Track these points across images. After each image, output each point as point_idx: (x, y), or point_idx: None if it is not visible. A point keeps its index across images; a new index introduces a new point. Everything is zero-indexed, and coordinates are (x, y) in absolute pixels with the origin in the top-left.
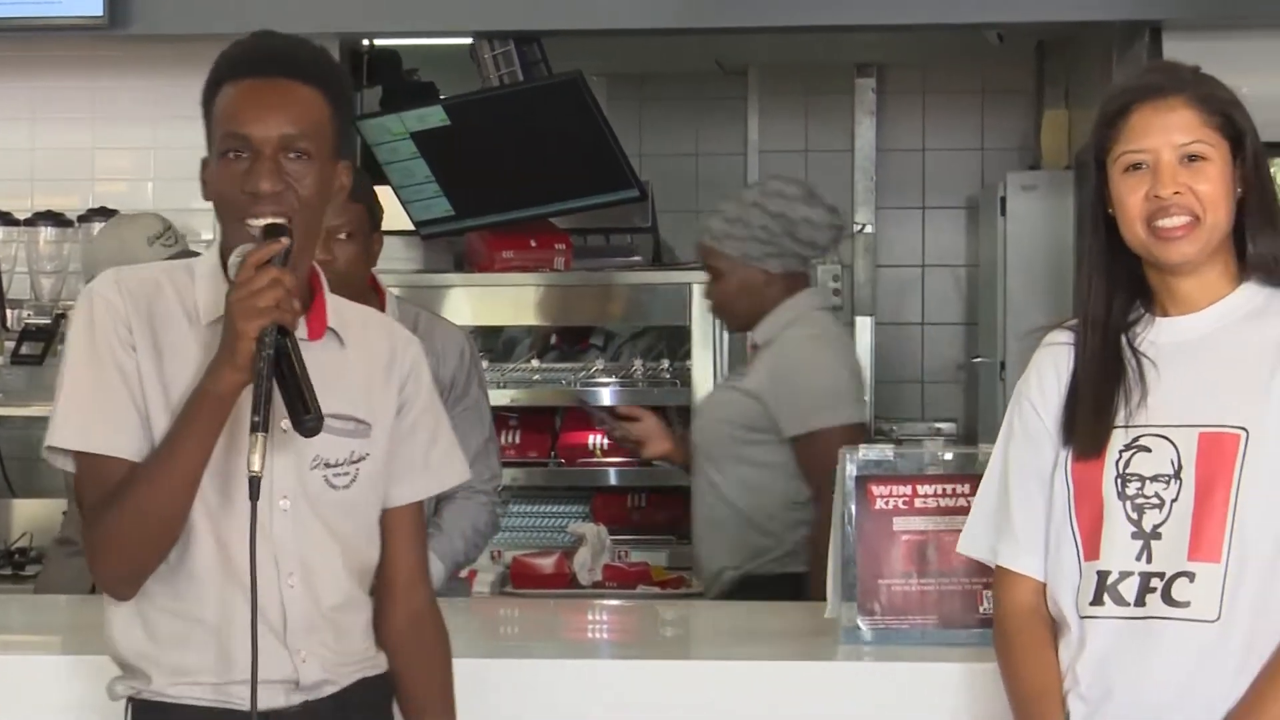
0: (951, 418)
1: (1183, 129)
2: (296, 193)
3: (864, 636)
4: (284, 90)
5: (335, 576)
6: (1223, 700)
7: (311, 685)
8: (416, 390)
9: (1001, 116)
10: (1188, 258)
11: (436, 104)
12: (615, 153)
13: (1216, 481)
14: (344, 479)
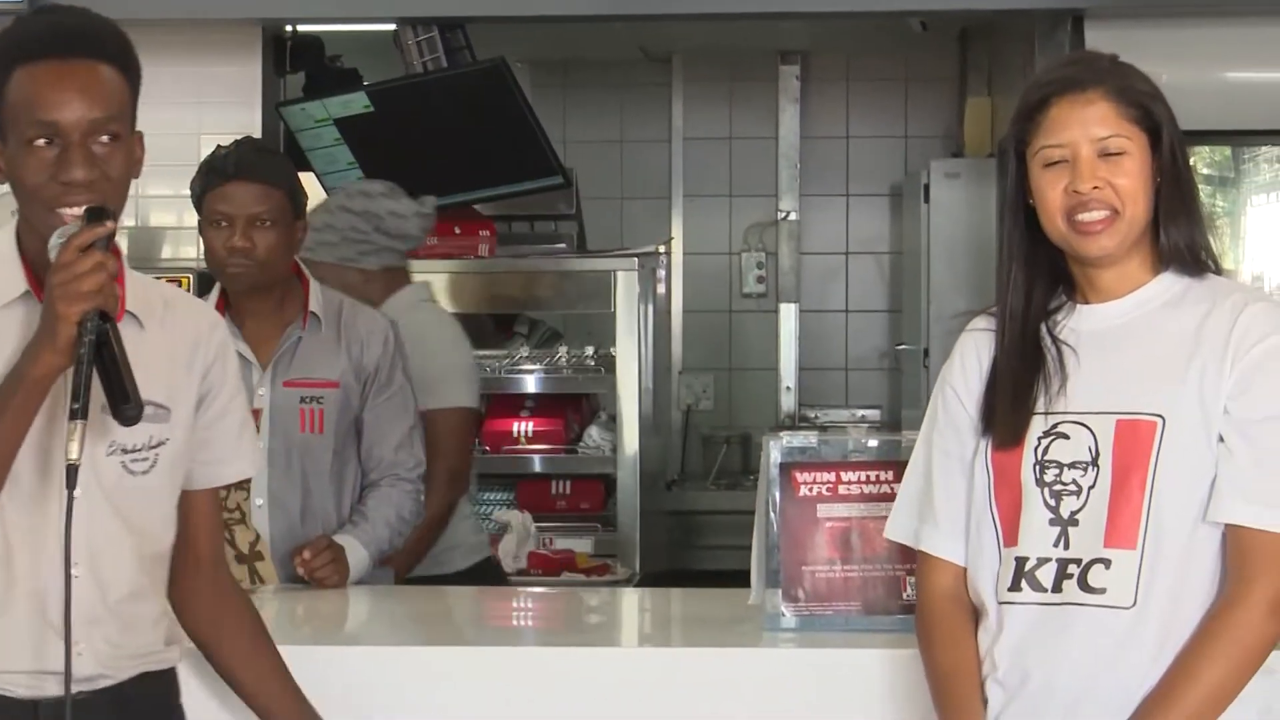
0: (875, 404)
1: (1101, 123)
2: (108, 177)
3: (788, 623)
4: (89, 72)
5: (125, 567)
6: (1138, 686)
7: (85, 678)
8: (224, 374)
9: (925, 104)
10: (1107, 251)
11: (360, 90)
12: (539, 140)
13: (1133, 468)
14: (142, 464)
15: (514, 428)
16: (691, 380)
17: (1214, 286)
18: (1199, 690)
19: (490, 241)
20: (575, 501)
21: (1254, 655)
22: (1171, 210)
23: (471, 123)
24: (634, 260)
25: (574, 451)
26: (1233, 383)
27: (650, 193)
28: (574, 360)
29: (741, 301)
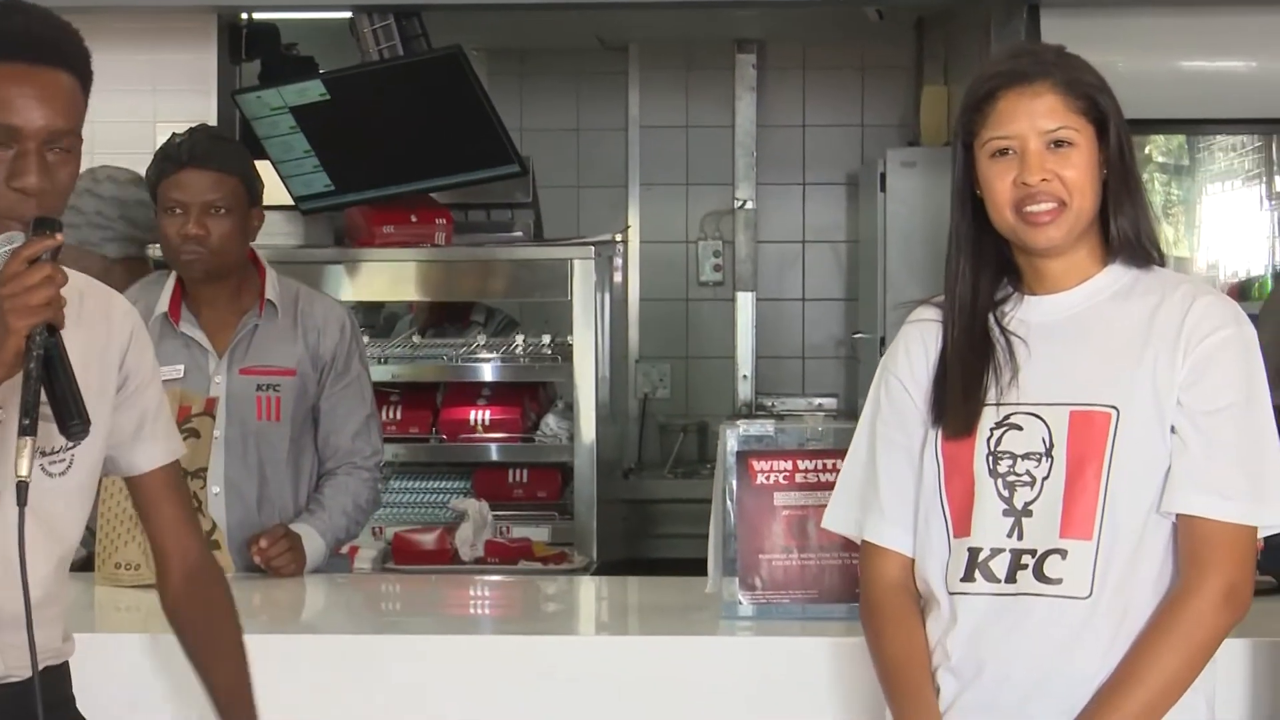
0: (832, 393)
1: (1049, 115)
2: (56, 188)
3: (745, 611)
4: (50, 80)
5: (40, 571)
6: (1093, 676)
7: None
8: (140, 359)
9: (881, 93)
10: (1054, 242)
11: (316, 78)
12: (496, 128)
13: (1088, 459)
14: (60, 465)
15: (471, 416)
16: (648, 369)
17: (1162, 278)
18: (1154, 679)
19: (447, 230)
20: (532, 490)
21: (1207, 645)
22: (1119, 201)
23: (428, 111)
24: (591, 249)
25: (531, 440)
26: (1185, 374)
27: (607, 181)
28: (531, 349)
29: (698, 290)
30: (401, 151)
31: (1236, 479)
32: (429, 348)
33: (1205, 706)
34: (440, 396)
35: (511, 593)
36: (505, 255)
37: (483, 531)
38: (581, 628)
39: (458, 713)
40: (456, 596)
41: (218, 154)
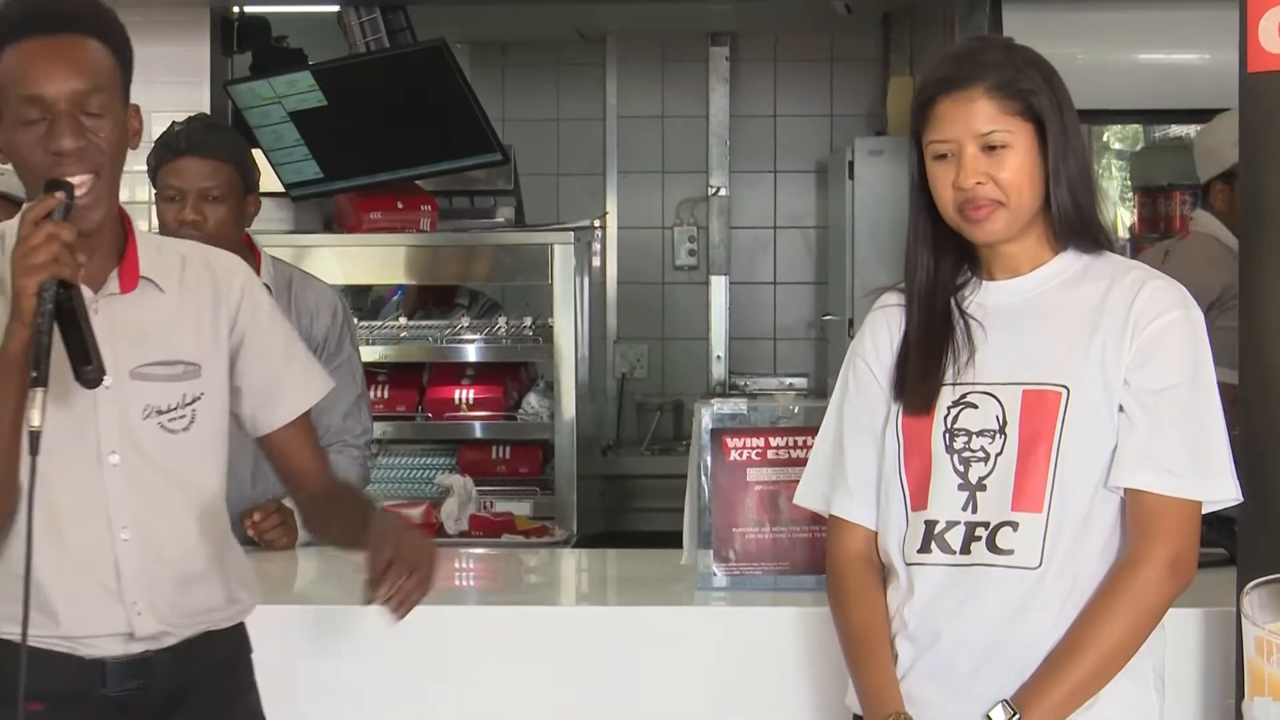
0: (803, 373)
1: (982, 119)
2: (98, 147)
3: (719, 582)
4: (71, 46)
5: (178, 525)
6: (1043, 642)
7: (149, 636)
8: (254, 313)
9: (849, 84)
10: (994, 238)
11: (305, 70)
12: (478, 118)
13: (1039, 436)
14: (181, 422)
15: (455, 395)
16: (626, 349)
17: (1113, 264)
18: (1101, 645)
19: (432, 216)
20: (514, 466)
21: (1153, 612)
22: (1062, 193)
23: (413, 101)
24: (570, 234)
25: (513, 418)
26: (1132, 355)
27: (586, 169)
28: (513, 330)
29: (674, 274)
30: (388, 140)
31: (1181, 455)
32: (415, 329)
33: (1153, 672)
34: (426, 376)
35: (495, 565)
36: (488, 240)
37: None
38: (563, 598)
39: (443, 680)
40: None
41: (213, 142)
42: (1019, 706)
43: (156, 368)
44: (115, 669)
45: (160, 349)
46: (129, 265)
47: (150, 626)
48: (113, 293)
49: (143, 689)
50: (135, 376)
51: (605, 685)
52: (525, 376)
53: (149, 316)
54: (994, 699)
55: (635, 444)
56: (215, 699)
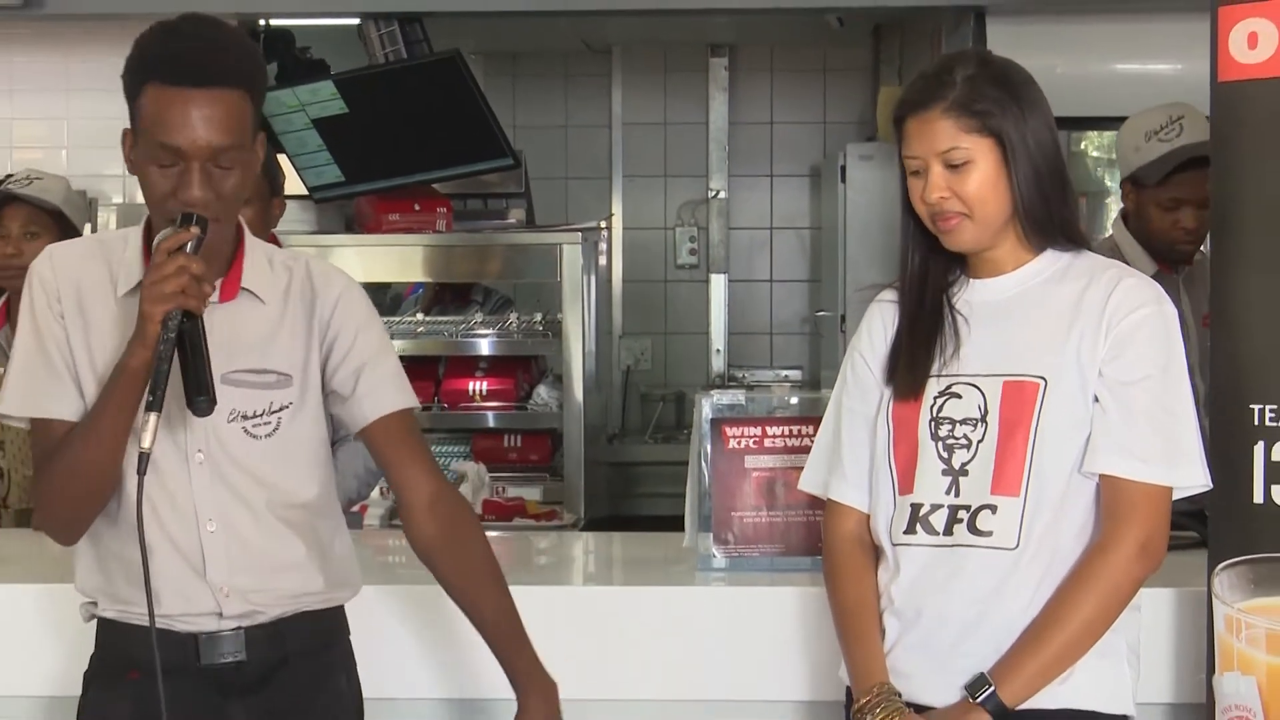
0: (797, 365)
1: (942, 138)
2: (220, 195)
3: (719, 564)
4: (214, 101)
5: (259, 519)
6: (1019, 618)
7: (237, 615)
8: (347, 317)
9: (841, 93)
10: (965, 246)
11: (327, 79)
12: (491, 124)
13: (1018, 424)
14: (265, 429)
15: (469, 386)
16: (631, 343)
17: (1092, 262)
18: (1074, 622)
19: (447, 217)
20: (525, 454)
21: (1123, 592)
22: (1031, 202)
23: (429, 109)
24: (578, 234)
25: (524, 408)
26: (1107, 349)
27: (592, 173)
28: (524, 325)
29: (676, 272)
30: (406, 146)
31: (1152, 443)
32: (431, 324)
33: (1127, 649)
34: (442, 369)
35: (507, 547)
36: (501, 240)
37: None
38: (571, 579)
39: (458, 657)
40: None
41: None
42: (995, 678)
43: (247, 375)
44: (208, 643)
45: (252, 357)
46: (232, 277)
47: (236, 607)
48: (213, 301)
49: (237, 664)
50: (225, 382)
51: (611, 660)
52: (535, 369)
53: (245, 326)
54: (973, 671)
55: (639, 433)
56: (307, 676)
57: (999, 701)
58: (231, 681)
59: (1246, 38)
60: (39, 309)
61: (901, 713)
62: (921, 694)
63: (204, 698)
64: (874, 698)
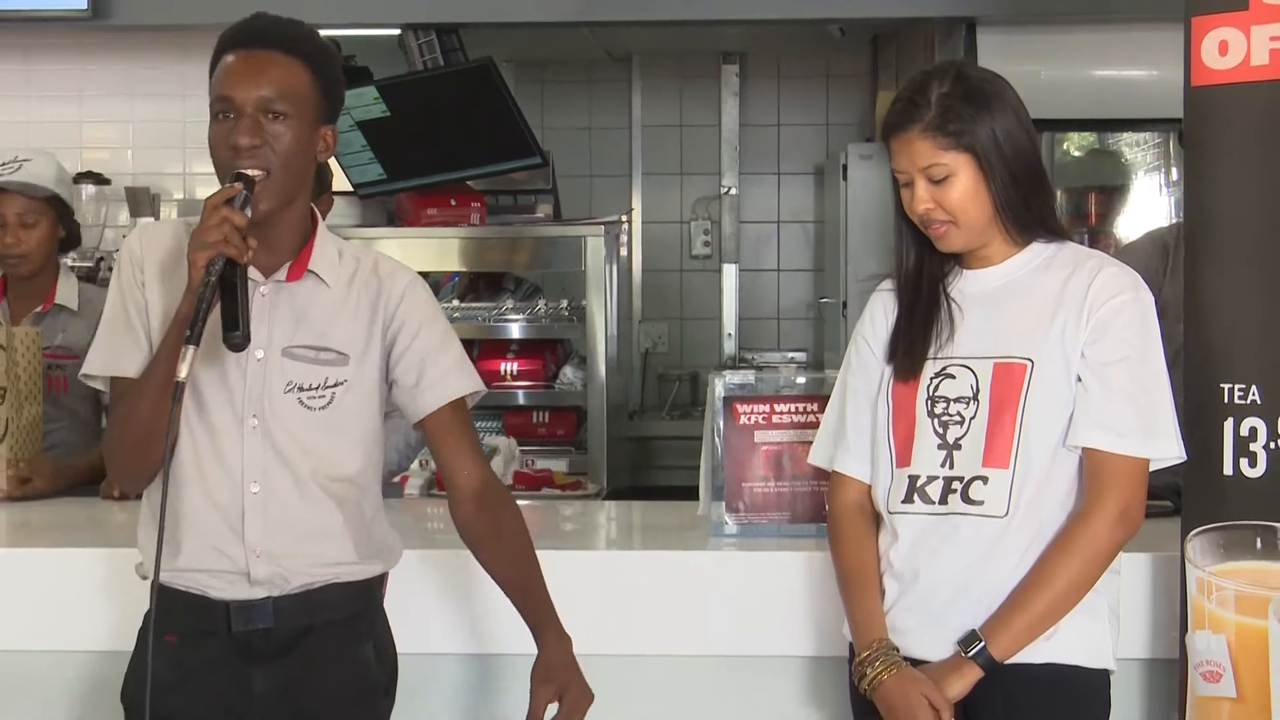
0: (803, 348)
1: (922, 156)
2: (273, 148)
3: (730, 530)
4: (265, 59)
5: (301, 486)
6: (1008, 580)
7: (265, 580)
8: (411, 311)
9: (843, 97)
10: (955, 248)
11: (370, 85)
12: (521, 126)
13: (1007, 402)
14: (319, 401)
15: (501, 367)
16: (649, 328)
17: (1076, 253)
18: (1057, 584)
19: (481, 212)
20: (553, 429)
21: (1103, 556)
22: (1011, 203)
23: (464, 112)
24: (601, 228)
25: (551, 387)
26: (1088, 332)
27: (614, 171)
28: (551, 311)
29: (690, 262)
30: (442, 146)
31: (1130, 419)
32: (466, 310)
33: (1108, 609)
34: (476, 351)
35: (535, 515)
36: (530, 233)
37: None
38: (595, 544)
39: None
40: None
41: None
42: (985, 635)
43: (306, 350)
44: (239, 611)
45: (313, 335)
46: (300, 259)
47: (264, 571)
48: (279, 280)
49: (265, 630)
50: (285, 355)
51: (632, 618)
52: (562, 351)
53: (309, 305)
54: (965, 629)
55: (657, 410)
56: (331, 646)
57: (989, 656)
58: (257, 648)
59: (1217, 46)
60: (125, 278)
61: (899, 666)
62: (918, 649)
63: (229, 662)
64: (874, 652)
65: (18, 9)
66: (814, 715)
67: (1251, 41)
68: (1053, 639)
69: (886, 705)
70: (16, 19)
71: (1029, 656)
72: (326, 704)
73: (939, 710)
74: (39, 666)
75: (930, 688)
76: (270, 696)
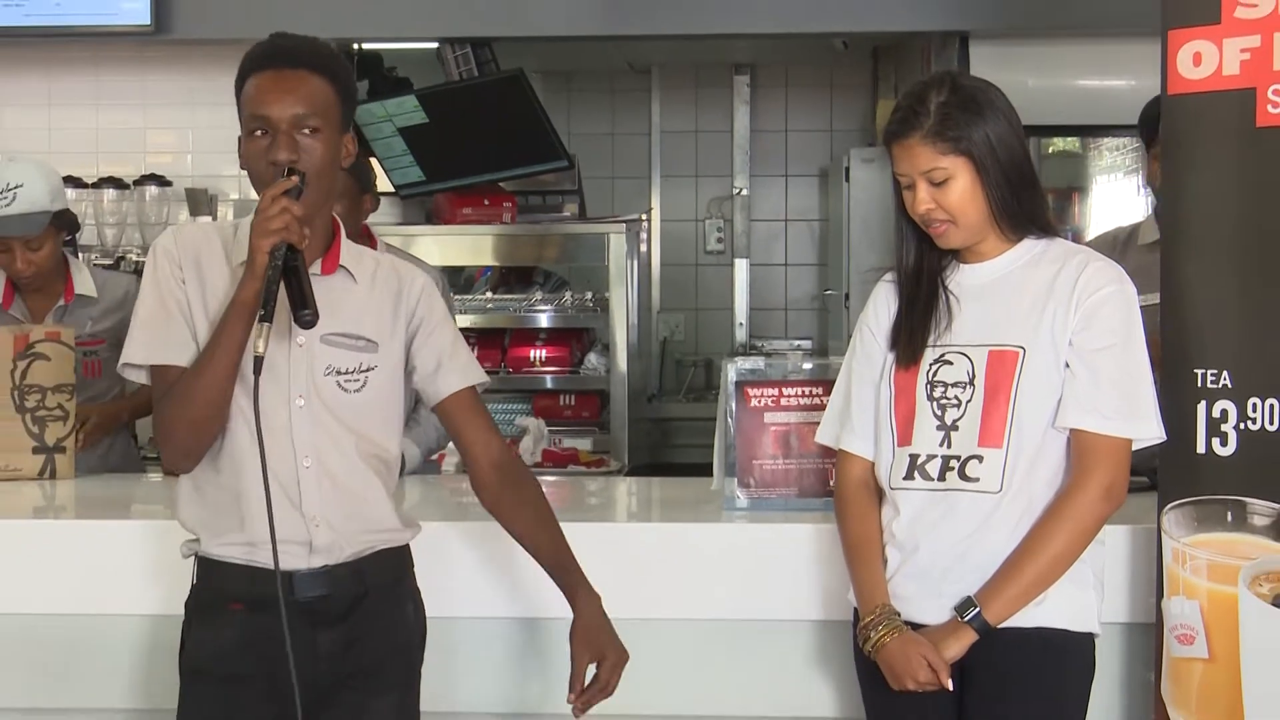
0: (809, 336)
1: (922, 161)
2: (308, 160)
3: (742, 504)
4: (296, 79)
5: (348, 460)
6: (1001, 551)
7: (324, 548)
8: (429, 309)
9: (846, 105)
10: (954, 245)
11: (411, 94)
12: (549, 132)
13: (1000, 387)
14: (355, 384)
15: (530, 354)
16: (667, 318)
17: (1065, 249)
18: (1046, 555)
19: (512, 211)
20: (578, 411)
21: (1089, 529)
22: (1005, 202)
23: (497, 119)
24: (623, 225)
25: (577, 372)
26: (1076, 322)
27: (634, 173)
28: (577, 302)
29: (705, 257)
30: (477, 150)
31: (1115, 402)
32: (499, 301)
33: (1093, 577)
34: (507, 339)
35: (562, 490)
36: (557, 230)
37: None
38: (616, 517)
39: (520, 585)
40: None
41: None
42: (980, 601)
43: (341, 338)
44: (301, 579)
45: (347, 324)
46: (332, 255)
47: (324, 538)
48: (315, 273)
49: (325, 596)
50: (324, 341)
51: (650, 586)
52: (586, 339)
53: (341, 297)
54: (961, 595)
55: (674, 393)
56: (383, 606)
57: (983, 620)
58: (320, 612)
59: (1192, 57)
60: (162, 275)
61: (900, 629)
62: (917, 614)
63: (295, 628)
64: (876, 616)
65: (87, 24)
66: (821, 675)
67: (1223, 53)
68: (1042, 605)
69: (888, 665)
70: (86, 34)
71: (1020, 621)
72: (380, 659)
73: (937, 670)
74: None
75: (929, 649)
76: (334, 657)
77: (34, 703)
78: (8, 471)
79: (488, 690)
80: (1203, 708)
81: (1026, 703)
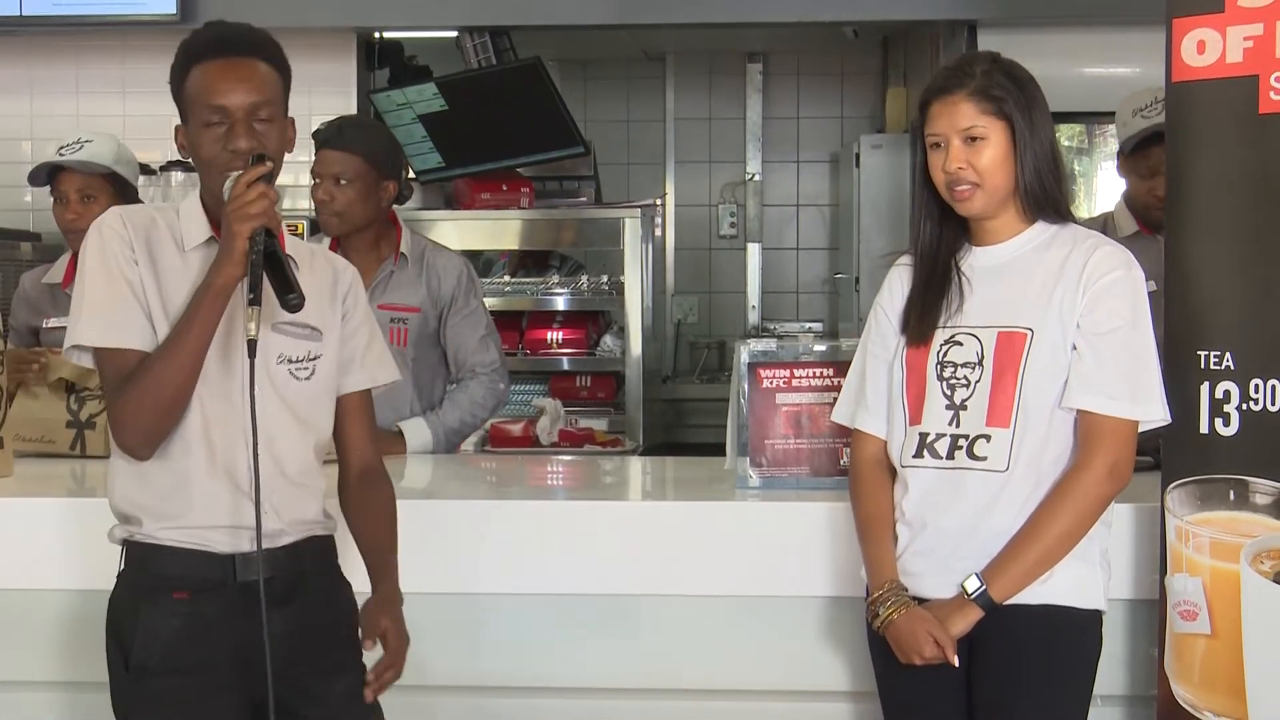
0: (819, 319)
1: (963, 117)
2: (265, 148)
3: (754, 483)
4: (248, 67)
5: (295, 448)
6: (1007, 529)
7: (272, 533)
8: (355, 303)
9: (856, 93)
10: (975, 212)
11: (430, 82)
12: (566, 119)
13: (1008, 367)
14: (304, 372)
15: (548, 336)
16: (681, 300)
17: (1075, 233)
18: (1052, 533)
19: (529, 196)
20: (594, 391)
21: (1094, 508)
22: (1031, 179)
23: (514, 106)
24: (638, 210)
25: (593, 354)
26: (1083, 305)
27: (649, 159)
28: (593, 285)
29: (718, 241)
30: (495, 136)
31: (1120, 384)
32: (517, 285)
33: (1099, 555)
34: (525, 321)
35: (579, 469)
36: (573, 215)
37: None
38: (631, 495)
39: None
40: (537, 472)
41: (341, 138)
42: (986, 579)
43: (289, 326)
44: (243, 563)
45: None
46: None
47: (273, 524)
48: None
49: (268, 579)
50: (274, 330)
51: (665, 563)
52: (602, 322)
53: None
54: (969, 572)
55: (688, 374)
56: (323, 588)
57: (989, 598)
58: (269, 594)
59: (1196, 45)
60: (111, 253)
61: (908, 605)
62: (926, 590)
63: (248, 610)
64: (886, 592)
65: (114, 14)
66: (833, 650)
67: (1227, 41)
68: (1048, 582)
69: (896, 641)
70: (112, 23)
71: (1027, 598)
72: (330, 641)
73: (943, 646)
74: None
75: (936, 625)
76: (288, 637)
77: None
78: (43, 443)
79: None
80: (1205, 682)
81: (1033, 678)
